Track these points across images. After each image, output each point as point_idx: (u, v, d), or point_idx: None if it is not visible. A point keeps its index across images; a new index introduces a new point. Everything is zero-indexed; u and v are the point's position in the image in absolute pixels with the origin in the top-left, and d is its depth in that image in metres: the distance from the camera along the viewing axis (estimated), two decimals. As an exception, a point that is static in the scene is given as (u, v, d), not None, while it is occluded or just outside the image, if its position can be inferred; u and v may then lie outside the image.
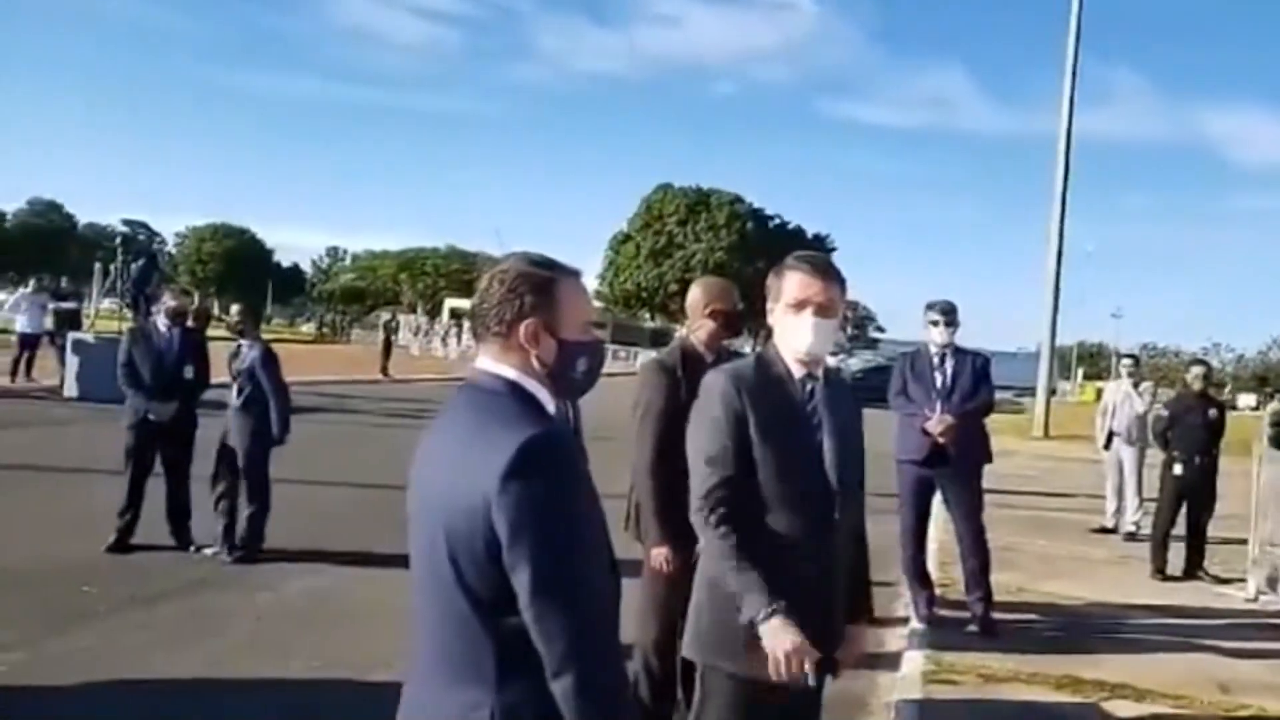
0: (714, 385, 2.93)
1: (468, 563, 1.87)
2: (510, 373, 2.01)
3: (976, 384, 6.85)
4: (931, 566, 7.70)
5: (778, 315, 2.94)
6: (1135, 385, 11.44)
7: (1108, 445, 11.56)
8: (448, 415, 2.06)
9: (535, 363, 2.02)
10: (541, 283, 2.02)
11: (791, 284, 2.91)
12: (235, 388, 7.63)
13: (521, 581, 1.82)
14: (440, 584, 1.92)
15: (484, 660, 1.89)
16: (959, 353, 6.94)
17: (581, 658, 1.82)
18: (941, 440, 6.67)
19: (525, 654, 1.85)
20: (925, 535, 7.34)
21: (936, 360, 6.91)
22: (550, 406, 2.05)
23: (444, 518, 1.90)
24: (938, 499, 7.22)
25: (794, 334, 2.89)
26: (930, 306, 6.98)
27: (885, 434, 6.67)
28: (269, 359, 7.68)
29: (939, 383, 6.85)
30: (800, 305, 2.87)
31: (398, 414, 18.20)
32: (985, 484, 7.05)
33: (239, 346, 7.78)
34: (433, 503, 1.94)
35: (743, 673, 2.80)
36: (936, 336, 6.92)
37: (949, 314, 6.92)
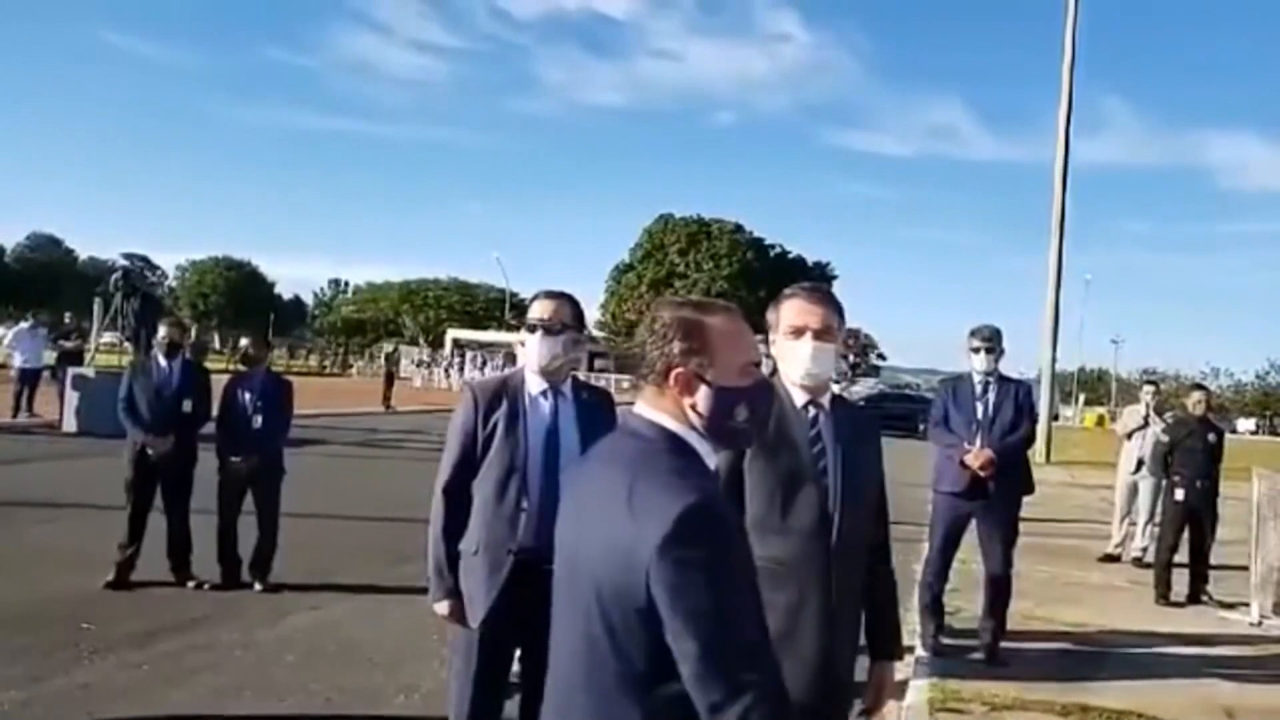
0: None
1: (623, 630, 1.77)
2: (668, 422, 1.91)
3: (1018, 415, 6.68)
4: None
5: (778, 344, 2.95)
6: (1159, 413, 11.34)
7: (1137, 470, 11.31)
8: (599, 465, 1.96)
9: (691, 413, 1.91)
10: (692, 326, 1.93)
11: (789, 311, 2.94)
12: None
13: (687, 652, 1.71)
14: (590, 649, 1.82)
15: None
16: (1003, 381, 6.78)
17: None
18: (981, 474, 6.55)
19: None
20: (949, 568, 6.97)
21: (979, 389, 6.75)
22: (710, 460, 1.94)
23: (598, 582, 1.80)
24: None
25: (793, 359, 2.89)
26: (973, 333, 6.76)
27: (892, 461, 6.56)
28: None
29: (980, 413, 6.68)
30: (798, 331, 2.89)
31: (400, 445, 18.16)
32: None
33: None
34: (585, 565, 1.84)
35: None
36: (979, 364, 6.72)
37: (991, 340, 6.70)
